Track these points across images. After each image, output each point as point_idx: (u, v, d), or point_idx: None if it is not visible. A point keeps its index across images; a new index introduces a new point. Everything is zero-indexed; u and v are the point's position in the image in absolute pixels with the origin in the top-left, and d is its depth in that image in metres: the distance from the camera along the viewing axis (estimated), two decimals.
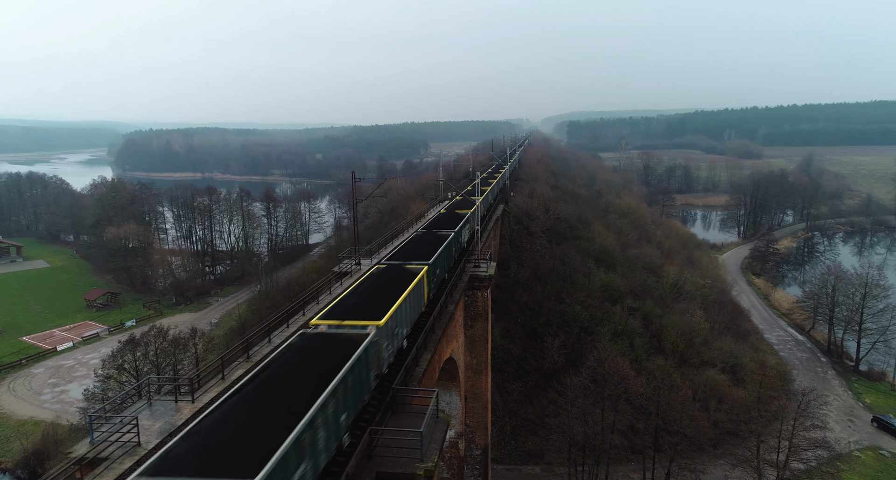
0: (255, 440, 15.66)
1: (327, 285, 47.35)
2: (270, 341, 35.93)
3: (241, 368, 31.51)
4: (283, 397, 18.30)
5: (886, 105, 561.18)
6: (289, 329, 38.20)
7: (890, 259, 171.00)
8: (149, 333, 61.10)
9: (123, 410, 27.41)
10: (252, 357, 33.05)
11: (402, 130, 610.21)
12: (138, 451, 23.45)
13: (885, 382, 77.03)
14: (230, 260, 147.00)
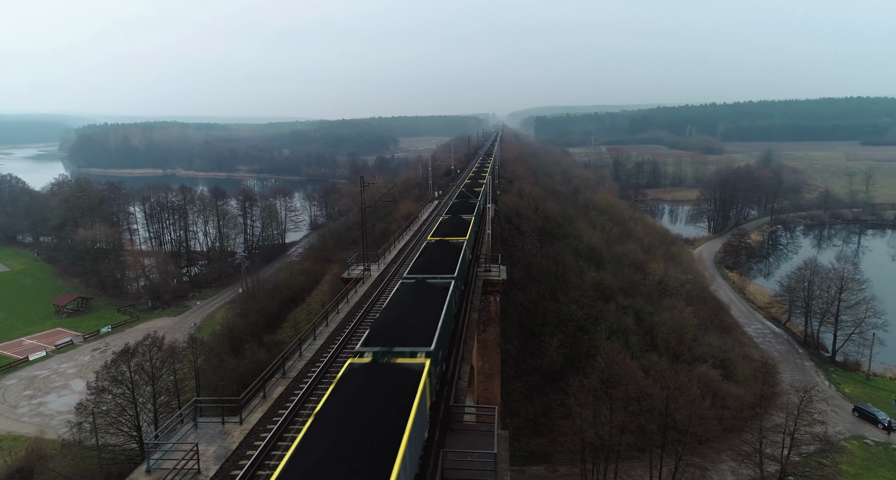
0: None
1: (345, 295, 46.59)
2: (302, 355, 35.26)
3: (281, 385, 30.83)
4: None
5: (833, 102, 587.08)
6: (316, 341, 37.52)
7: (846, 250, 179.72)
8: (143, 342, 58.84)
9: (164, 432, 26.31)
10: (288, 373, 32.38)
11: (370, 125, 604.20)
12: (199, 479, 22.70)
13: (861, 372, 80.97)
14: (206, 261, 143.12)
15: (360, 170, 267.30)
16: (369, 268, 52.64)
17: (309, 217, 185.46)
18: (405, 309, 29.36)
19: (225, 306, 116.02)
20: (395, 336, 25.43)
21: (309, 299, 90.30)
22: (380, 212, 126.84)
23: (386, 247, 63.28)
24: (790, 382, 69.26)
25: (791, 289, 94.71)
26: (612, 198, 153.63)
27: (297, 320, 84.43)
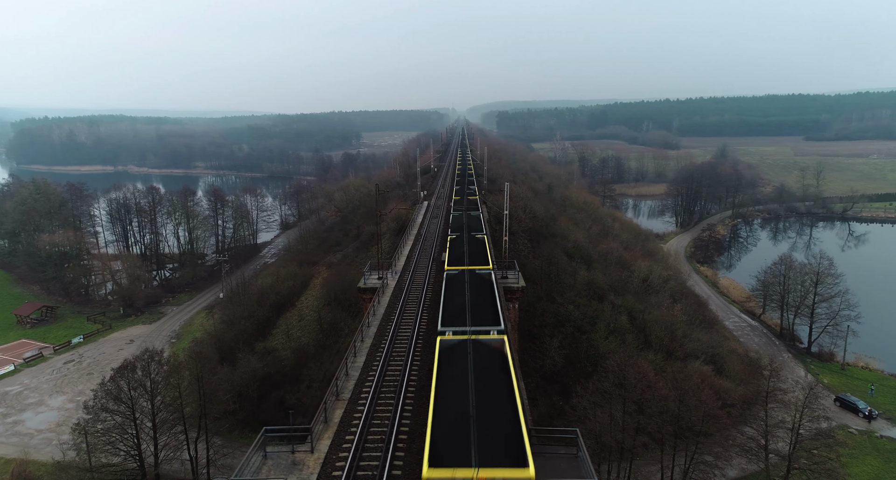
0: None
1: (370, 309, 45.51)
2: (348, 374, 34.41)
3: (339, 408, 30.03)
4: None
5: (777, 99, 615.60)
6: (357, 358, 36.64)
7: (799, 242, 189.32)
8: (142, 357, 56.15)
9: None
10: (341, 394, 31.56)
11: (331, 120, 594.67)
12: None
13: (835, 362, 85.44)
14: (176, 264, 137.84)
15: (326, 166, 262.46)
16: (384, 277, 51.79)
17: (280, 216, 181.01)
18: (464, 297, 32.57)
19: (203, 312, 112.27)
20: (468, 316, 29.10)
21: (299, 304, 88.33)
22: (360, 211, 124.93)
23: (395, 256, 62.22)
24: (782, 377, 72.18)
25: (766, 284, 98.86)
26: (587, 195, 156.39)
27: (290, 326, 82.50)
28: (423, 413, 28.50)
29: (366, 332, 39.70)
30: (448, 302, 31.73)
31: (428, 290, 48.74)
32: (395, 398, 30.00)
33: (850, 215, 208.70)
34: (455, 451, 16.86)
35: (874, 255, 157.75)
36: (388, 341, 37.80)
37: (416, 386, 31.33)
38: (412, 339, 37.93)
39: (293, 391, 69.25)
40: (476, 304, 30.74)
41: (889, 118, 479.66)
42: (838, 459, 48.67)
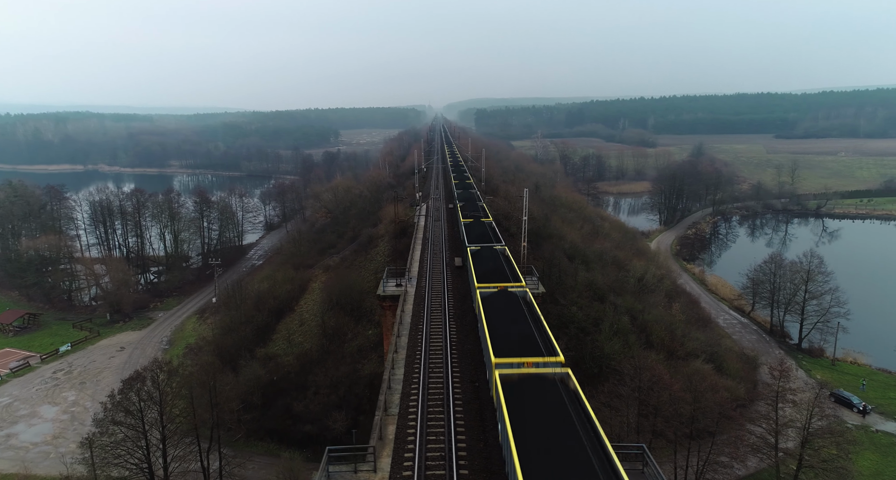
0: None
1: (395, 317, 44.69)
2: (391, 387, 34.04)
3: (390, 423, 29.75)
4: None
5: (747, 97, 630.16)
6: (395, 370, 36.27)
7: (776, 238, 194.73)
8: (151, 367, 54.66)
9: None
10: (389, 409, 31.25)
11: (308, 117, 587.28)
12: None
13: (825, 358, 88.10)
14: (161, 268, 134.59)
15: (309, 165, 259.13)
16: (402, 284, 51.37)
17: (265, 217, 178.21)
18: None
19: (194, 317, 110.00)
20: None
21: (298, 308, 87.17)
22: (351, 212, 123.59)
23: (408, 261, 61.72)
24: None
25: (756, 282, 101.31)
26: (576, 195, 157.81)
27: (291, 331, 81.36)
28: (476, 429, 28.40)
29: (397, 343, 39.30)
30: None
31: (450, 297, 48.60)
32: (444, 412, 29.82)
33: (823, 212, 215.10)
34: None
35: (851, 250, 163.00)
36: (423, 352, 37.56)
37: (461, 400, 31.19)
38: (446, 349, 37.77)
39: (299, 398, 68.36)
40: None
41: (853, 117, 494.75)
42: (847, 456, 50.11)
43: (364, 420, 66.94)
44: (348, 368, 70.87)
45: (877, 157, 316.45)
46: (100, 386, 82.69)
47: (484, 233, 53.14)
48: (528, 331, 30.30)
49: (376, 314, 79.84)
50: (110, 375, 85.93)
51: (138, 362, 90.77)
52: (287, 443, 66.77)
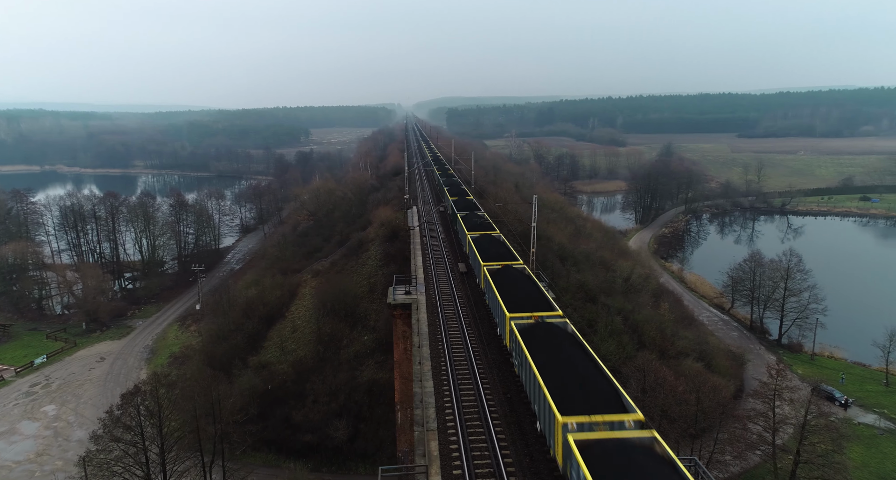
0: None
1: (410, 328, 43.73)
2: (424, 401, 33.70)
3: (431, 439, 29.45)
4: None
5: (710, 97, 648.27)
6: (425, 384, 35.88)
7: (744, 235, 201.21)
8: (149, 381, 52.87)
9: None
10: (429, 424, 30.93)
11: (276, 116, 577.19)
12: None
13: (804, 352, 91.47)
14: (136, 273, 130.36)
15: (284, 166, 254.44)
16: (411, 292, 50.96)
17: (241, 219, 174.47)
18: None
19: (175, 324, 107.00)
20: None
21: (289, 314, 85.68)
22: (335, 215, 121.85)
23: (413, 267, 61.21)
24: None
25: (736, 280, 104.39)
26: (556, 195, 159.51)
27: (283, 339, 79.95)
28: (519, 443, 28.40)
29: (420, 353, 38.92)
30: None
31: (461, 305, 48.53)
32: (483, 426, 29.75)
33: (788, 209, 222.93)
34: None
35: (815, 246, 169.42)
36: (448, 363, 37.37)
37: (497, 413, 31.14)
38: (470, 360, 37.67)
39: (298, 406, 67.35)
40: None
41: (809, 116, 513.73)
42: (842, 451, 52.09)
43: (365, 428, 66.42)
44: (346, 375, 70.12)
45: (833, 156, 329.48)
46: (82, 400, 79.67)
47: (498, 249, 52.31)
48: (594, 377, 26.60)
49: (371, 320, 79.25)
50: (92, 387, 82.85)
51: (121, 373, 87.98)
52: (286, 453, 65.64)
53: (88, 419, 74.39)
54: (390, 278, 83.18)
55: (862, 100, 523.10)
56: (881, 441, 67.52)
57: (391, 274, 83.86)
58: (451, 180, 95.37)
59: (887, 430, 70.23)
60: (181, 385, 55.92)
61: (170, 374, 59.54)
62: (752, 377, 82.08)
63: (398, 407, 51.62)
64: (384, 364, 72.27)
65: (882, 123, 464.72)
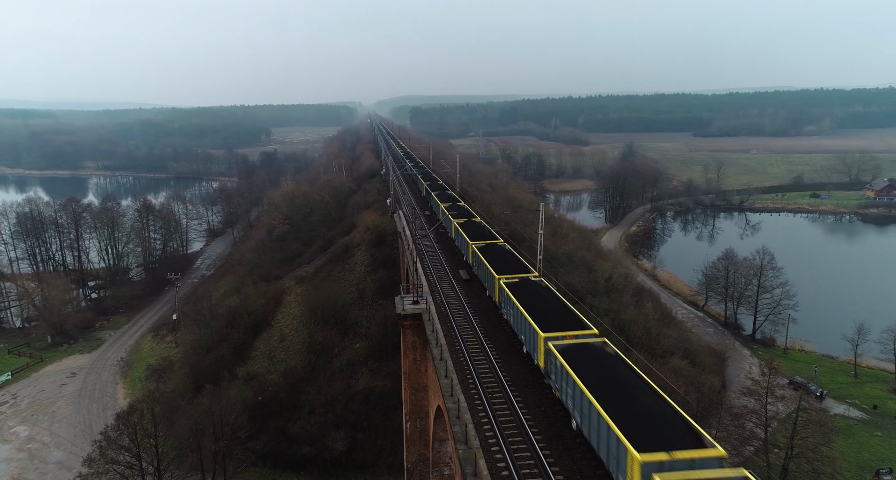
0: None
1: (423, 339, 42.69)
2: (460, 417, 33.33)
3: (479, 457, 29.11)
4: None
5: (665, 97, 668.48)
6: (457, 399, 35.50)
7: (705, 231, 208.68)
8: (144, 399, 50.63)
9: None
10: (471, 441, 30.61)
11: (234, 115, 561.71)
12: None
13: (777, 347, 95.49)
14: (100, 282, 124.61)
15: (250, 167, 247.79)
16: (419, 301, 50.37)
17: (208, 223, 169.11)
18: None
19: (149, 335, 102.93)
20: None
21: (275, 323, 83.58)
22: (328, 222, 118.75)
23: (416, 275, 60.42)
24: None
25: (709, 277, 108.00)
26: (529, 195, 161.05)
27: (271, 348, 77.97)
28: (564, 458, 28.42)
29: (445, 366, 38.39)
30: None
31: (472, 313, 48.36)
32: (525, 442, 29.69)
33: (746, 206, 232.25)
34: None
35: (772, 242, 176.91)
36: (474, 376, 37.12)
37: (536, 427, 31.10)
38: (496, 373, 37.52)
39: (293, 419, 65.92)
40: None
41: (758, 116, 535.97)
42: (830, 445, 54.65)
43: (363, 437, 65.51)
44: (341, 384, 69.03)
45: (783, 155, 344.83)
46: (56, 419, 75.65)
47: (508, 260, 51.71)
48: (658, 406, 24.79)
49: (362, 327, 78.18)
50: (66, 405, 78.78)
51: (95, 388, 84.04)
52: (283, 467, 64.10)
53: (65, 439, 70.84)
54: (380, 284, 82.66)
55: (804, 101, 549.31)
56: (856, 432, 71.09)
57: (381, 279, 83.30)
58: (437, 184, 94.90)
59: (860, 420, 74.07)
60: (173, 401, 53.73)
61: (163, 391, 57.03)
62: (732, 373, 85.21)
63: (407, 419, 51.10)
64: (378, 371, 71.54)
65: (823, 123, 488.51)
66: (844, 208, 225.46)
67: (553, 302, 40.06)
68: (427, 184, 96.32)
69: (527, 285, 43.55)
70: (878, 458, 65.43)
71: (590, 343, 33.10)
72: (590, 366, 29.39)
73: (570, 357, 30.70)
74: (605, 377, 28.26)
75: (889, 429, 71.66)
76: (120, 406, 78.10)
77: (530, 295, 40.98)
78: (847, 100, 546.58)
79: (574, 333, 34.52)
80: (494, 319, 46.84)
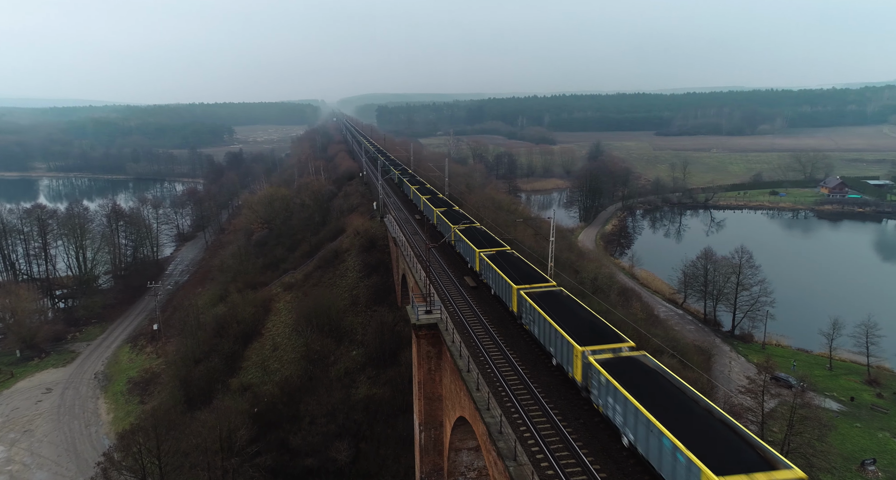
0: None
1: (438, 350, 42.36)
2: (502, 432, 33.18)
3: (529, 474, 29.05)
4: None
5: (626, 97, 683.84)
6: (493, 413, 35.29)
7: (671, 228, 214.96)
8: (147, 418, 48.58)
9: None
10: (519, 458, 30.53)
11: (194, 113, 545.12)
12: None
13: (756, 342, 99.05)
14: (66, 291, 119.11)
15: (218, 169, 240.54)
16: (431, 310, 49.99)
17: (178, 227, 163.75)
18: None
19: (126, 346, 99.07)
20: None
21: (266, 332, 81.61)
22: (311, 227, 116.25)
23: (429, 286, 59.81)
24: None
25: (689, 276, 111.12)
26: (507, 196, 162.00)
27: (264, 358, 76.17)
28: (617, 474, 28.60)
29: (476, 379, 38.02)
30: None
31: (488, 322, 48.32)
32: (573, 457, 29.82)
33: (710, 204, 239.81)
34: None
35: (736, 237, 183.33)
36: (505, 388, 37.08)
37: (580, 441, 31.28)
38: (527, 385, 37.61)
39: (294, 430, 64.51)
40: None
41: (715, 116, 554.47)
42: (825, 440, 57.03)
43: (366, 447, 64.72)
44: (341, 393, 68.02)
45: (742, 153, 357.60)
46: (35, 438, 71.97)
47: (522, 268, 51.71)
48: (721, 424, 24.65)
49: (358, 334, 77.10)
50: (45, 423, 75.03)
51: (75, 404, 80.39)
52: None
53: (48, 459, 67.52)
54: (373, 290, 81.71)
55: (756, 101, 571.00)
56: (837, 423, 74.31)
57: (374, 285, 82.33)
58: (426, 188, 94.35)
59: (840, 412, 77.62)
60: (168, 416, 51.82)
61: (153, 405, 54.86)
62: (717, 369, 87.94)
63: (421, 429, 50.71)
64: (377, 379, 70.82)
65: (776, 122, 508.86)
66: (802, 205, 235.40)
67: (581, 312, 40.28)
68: (415, 187, 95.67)
69: (550, 296, 43.68)
70: (861, 449, 68.71)
71: (632, 356, 33.32)
72: (638, 382, 29.38)
73: (616, 371, 30.64)
74: (657, 393, 28.23)
75: (867, 420, 75.36)
76: (103, 421, 75.09)
77: (556, 305, 41.10)
78: (795, 101, 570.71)
79: (611, 346, 34.74)
80: (513, 329, 46.90)
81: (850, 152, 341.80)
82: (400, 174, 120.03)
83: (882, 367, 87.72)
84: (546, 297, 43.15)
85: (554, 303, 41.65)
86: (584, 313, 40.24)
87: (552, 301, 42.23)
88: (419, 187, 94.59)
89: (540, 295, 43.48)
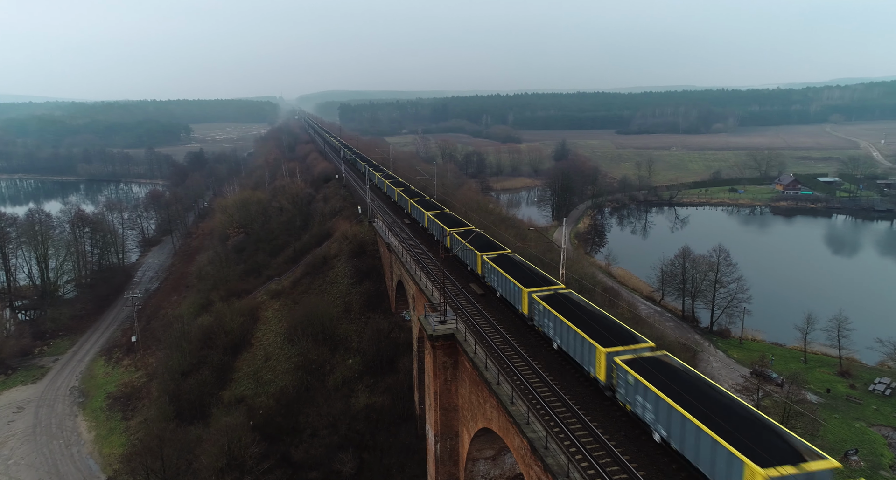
0: None
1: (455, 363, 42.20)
2: (548, 447, 33.10)
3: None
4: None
5: (586, 96, 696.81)
6: (534, 427, 35.18)
7: (638, 225, 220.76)
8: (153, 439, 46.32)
9: None
10: (572, 476, 30.52)
11: (146, 110, 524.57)
12: None
13: (733, 338, 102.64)
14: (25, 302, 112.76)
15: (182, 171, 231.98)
16: (445, 321, 49.49)
17: (143, 233, 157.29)
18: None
19: (100, 359, 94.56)
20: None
21: (256, 342, 79.26)
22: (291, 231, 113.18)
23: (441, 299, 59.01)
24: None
25: (666, 274, 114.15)
26: (486, 197, 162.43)
27: (256, 369, 73.97)
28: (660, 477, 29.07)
29: (506, 391, 37.86)
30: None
31: (505, 331, 48.26)
32: (617, 464, 30.10)
33: (675, 201, 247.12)
34: None
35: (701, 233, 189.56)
36: (537, 399, 37.09)
37: (619, 447, 31.60)
38: (557, 394, 37.75)
39: (295, 443, 63.03)
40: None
41: (672, 115, 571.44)
42: (817, 434, 59.58)
43: (369, 457, 63.76)
44: (341, 404, 66.83)
45: (700, 152, 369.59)
46: (11, 461, 67.88)
47: (527, 271, 52.14)
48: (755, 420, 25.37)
49: (353, 342, 75.81)
50: (21, 445, 70.85)
51: (52, 423, 76.28)
52: None
53: None
54: (367, 297, 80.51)
55: (709, 100, 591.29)
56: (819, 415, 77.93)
57: (367, 292, 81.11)
58: (412, 191, 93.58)
59: (818, 404, 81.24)
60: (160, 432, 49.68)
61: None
62: (701, 366, 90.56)
63: (437, 439, 50.26)
64: (376, 387, 69.92)
65: (729, 121, 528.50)
66: (759, 201, 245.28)
67: (594, 312, 41.14)
68: (400, 190, 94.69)
69: (561, 298, 44.38)
70: (841, 439, 72.06)
71: (655, 356, 34.48)
72: (666, 380, 30.40)
73: (643, 371, 31.81)
74: (686, 390, 29.16)
75: (844, 411, 79.11)
76: (85, 440, 71.57)
77: (568, 307, 41.81)
78: (744, 100, 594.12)
79: (633, 347, 35.70)
80: (530, 336, 47.00)
81: (798, 150, 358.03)
82: (381, 176, 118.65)
83: (852, 359, 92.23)
84: (557, 299, 43.97)
85: (566, 305, 42.46)
86: (597, 313, 41.37)
87: (564, 302, 43.07)
88: (404, 189, 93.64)
89: (551, 297, 44.29)
